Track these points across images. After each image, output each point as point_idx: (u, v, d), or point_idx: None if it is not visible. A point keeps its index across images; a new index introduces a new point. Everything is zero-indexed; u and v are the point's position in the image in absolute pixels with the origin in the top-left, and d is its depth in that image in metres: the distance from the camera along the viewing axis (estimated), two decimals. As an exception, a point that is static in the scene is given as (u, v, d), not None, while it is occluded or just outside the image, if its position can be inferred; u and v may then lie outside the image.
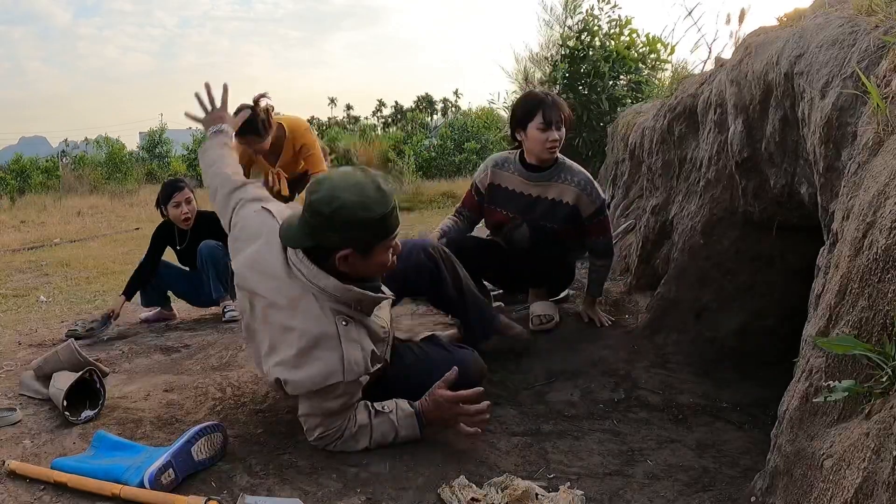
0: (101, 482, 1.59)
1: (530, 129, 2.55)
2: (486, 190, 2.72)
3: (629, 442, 1.88)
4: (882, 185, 1.07)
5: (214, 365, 2.56)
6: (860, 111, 1.33)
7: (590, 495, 1.57)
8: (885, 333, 0.98)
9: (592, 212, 2.61)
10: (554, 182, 2.61)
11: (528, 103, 2.57)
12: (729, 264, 2.43)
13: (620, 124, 4.71)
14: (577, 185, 2.60)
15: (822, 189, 1.52)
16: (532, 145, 2.57)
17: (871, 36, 1.37)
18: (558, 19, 6.82)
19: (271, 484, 1.64)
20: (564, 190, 2.60)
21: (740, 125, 2.09)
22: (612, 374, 2.33)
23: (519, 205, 2.65)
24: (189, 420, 2.01)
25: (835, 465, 0.99)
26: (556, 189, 2.61)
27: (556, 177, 2.61)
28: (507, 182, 2.67)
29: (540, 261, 2.68)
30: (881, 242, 1.01)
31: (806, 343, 1.33)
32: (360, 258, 1.65)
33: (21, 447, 1.83)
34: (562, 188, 2.60)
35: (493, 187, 2.71)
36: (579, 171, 2.64)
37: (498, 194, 2.70)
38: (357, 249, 1.63)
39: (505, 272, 2.79)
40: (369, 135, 20.41)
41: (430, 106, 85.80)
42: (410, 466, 1.74)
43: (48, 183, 18.72)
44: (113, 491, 1.57)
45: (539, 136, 2.53)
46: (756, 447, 1.79)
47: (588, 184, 2.61)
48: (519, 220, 2.62)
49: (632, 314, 2.85)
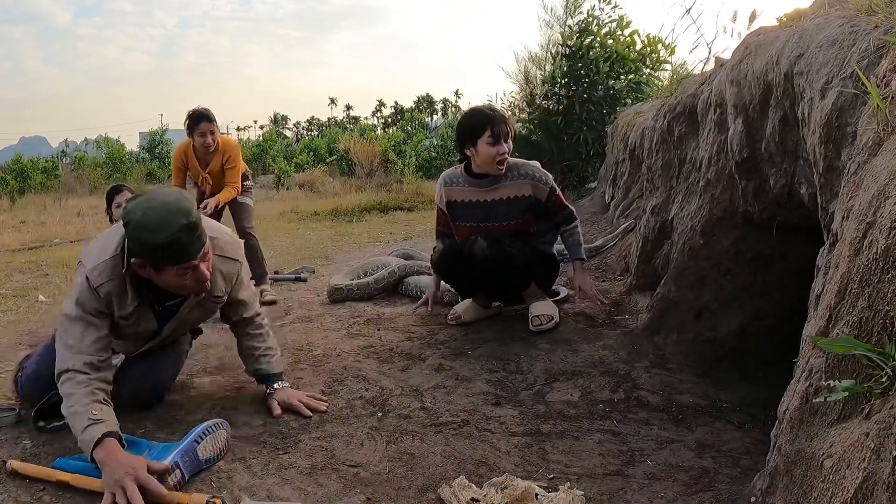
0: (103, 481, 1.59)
1: (480, 144, 2.68)
2: (448, 207, 2.88)
3: (629, 442, 1.88)
4: (882, 185, 1.07)
5: (214, 365, 2.56)
6: (860, 111, 1.33)
7: (590, 495, 1.57)
8: (885, 333, 0.98)
9: (548, 193, 2.76)
10: (505, 183, 2.73)
11: (477, 119, 2.70)
12: (729, 264, 2.43)
13: (620, 124, 4.71)
14: (529, 177, 2.74)
15: (821, 189, 1.53)
16: (482, 159, 2.71)
17: (871, 36, 1.37)
18: (559, 19, 6.83)
19: (271, 484, 1.65)
20: (518, 186, 2.73)
21: (740, 125, 2.09)
22: (612, 375, 2.33)
23: (479, 213, 2.79)
24: (189, 420, 2.01)
25: (835, 465, 0.99)
26: (510, 188, 2.73)
27: (505, 178, 2.74)
28: (461, 196, 2.81)
29: (515, 262, 2.71)
30: (881, 242, 1.01)
31: (806, 343, 1.33)
32: (153, 271, 1.76)
33: (21, 447, 1.83)
34: (515, 185, 2.73)
35: (451, 204, 2.86)
36: (523, 163, 2.78)
37: (457, 210, 2.85)
38: (147, 262, 1.74)
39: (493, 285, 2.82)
40: (369, 135, 20.42)
41: (430, 106, 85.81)
42: (410, 467, 1.74)
43: (48, 183, 18.71)
44: (114, 491, 1.56)
45: (489, 151, 2.66)
46: (756, 447, 1.79)
47: (536, 171, 2.77)
48: (473, 237, 2.72)
49: (631, 314, 2.85)
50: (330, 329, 3.02)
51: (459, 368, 2.44)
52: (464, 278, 2.83)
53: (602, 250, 3.82)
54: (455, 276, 2.87)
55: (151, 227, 1.68)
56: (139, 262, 1.75)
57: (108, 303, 1.81)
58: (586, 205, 5.59)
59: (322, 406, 2.11)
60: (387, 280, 3.58)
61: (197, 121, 3.71)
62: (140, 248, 1.72)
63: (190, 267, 1.76)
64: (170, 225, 1.68)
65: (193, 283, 1.81)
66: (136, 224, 1.70)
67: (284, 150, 25.02)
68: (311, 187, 14.77)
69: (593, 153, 6.51)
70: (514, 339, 2.68)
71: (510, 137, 2.69)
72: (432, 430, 1.96)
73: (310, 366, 2.51)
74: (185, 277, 1.78)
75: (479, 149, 2.68)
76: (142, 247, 1.71)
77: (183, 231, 1.69)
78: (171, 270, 1.75)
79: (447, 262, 2.84)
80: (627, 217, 4.00)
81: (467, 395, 2.22)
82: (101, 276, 1.79)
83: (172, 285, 1.82)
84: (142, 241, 1.70)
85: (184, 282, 1.79)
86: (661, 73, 6.63)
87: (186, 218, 1.71)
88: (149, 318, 1.94)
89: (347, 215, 8.89)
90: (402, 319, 3.10)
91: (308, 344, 2.79)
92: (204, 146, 3.73)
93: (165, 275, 1.76)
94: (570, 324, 2.78)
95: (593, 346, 2.56)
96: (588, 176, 6.68)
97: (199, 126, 3.70)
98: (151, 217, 1.70)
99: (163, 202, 1.73)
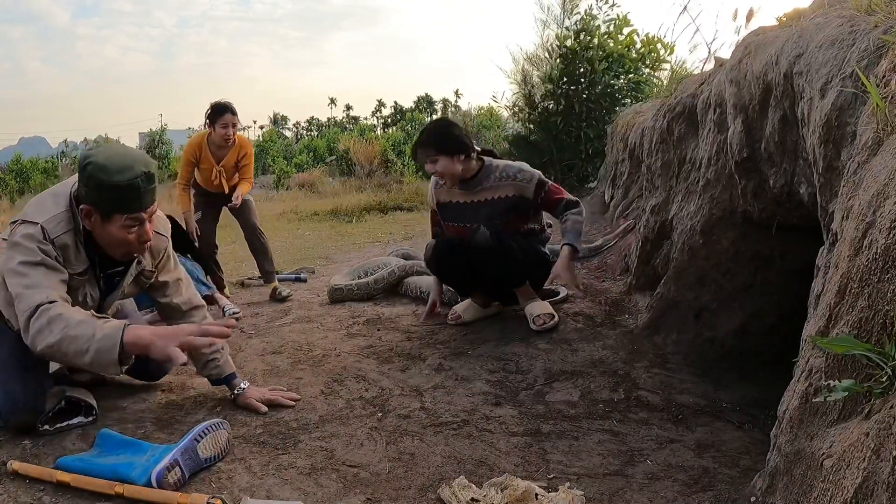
0: (103, 481, 1.59)
1: (426, 167, 2.81)
2: (438, 208, 2.94)
3: (629, 442, 1.88)
4: (882, 185, 1.07)
5: (214, 365, 2.56)
6: (860, 111, 1.33)
7: (589, 495, 1.57)
8: (885, 333, 0.98)
9: (535, 189, 2.75)
10: (487, 185, 2.77)
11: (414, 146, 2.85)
12: (728, 264, 2.44)
13: (620, 124, 4.71)
14: (509, 178, 2.76)
15: (821, 189, 1.53)
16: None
17: (871, 35, 1.37)
18: (556, 19, 6.82)
19: (271, 484, 1.65)
20: (501, 187, 2.76)
21: (740, 125, 2.09)
22: (612, 374, 2.33)
23: (466, 214, 2.83)
24: (189, 420, 2.01)
25: (835, 464, 0.99)
26: (492, 190, 2.77)
27: (486, 180, 2.78)
28: (450, 197, 2.88)
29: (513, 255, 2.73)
30: (881, 242, 1.01)
31: (806, 343, 1.33)
32: (100, 221, 1.75)
33: (21, 447, 1.83)
34: (497, 187, 2.76)
35: (441, 205, 2.93)
36: (505, 165, 2.80)
37: (447, 210, 2.91)
38: (96, 210, 1.73)
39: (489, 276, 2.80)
40: (368, 135, 20.41)
41: (430, 106, 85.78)
42: (410, 467, 1.74)
43: (48, 183, 18.68)
44: (116, 490, 1.57)
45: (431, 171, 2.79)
46: (756, 447, 1.79)
47: (516, 171, 2.77)
48: (475, 225, 2.75)
49: (631, 314, 2.85)
50: (330, 329, 3.02)
51: (459, 368, 2.44)
52: (459, 271, 2.84)
53: (602, 250, 3.82)
54: (450, 269, 2.88)
55: (113, 169, 1.68)
56: (88, 209, 1.73)
57: (64, 257, 1.76)
58: (586, 204, 5.59)
59: (294, 398, 2.14)
60: (387, 280, 3.58)
61: (221, 112, 3.72)
62: (95, 191, 1.70)
63: (138, 220, 1.75)
64: (131, 169, 1.69)
65: (136, 241, 1.79)
66: (97, 165, 1.69)
67: (284, 150, 25.00)
68: (311, 187, 14.76)
69: (593, 153, 6.50)
70: (513, 339, 2.68)
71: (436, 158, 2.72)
72: (432, 430, 1.96)
73: (309, 366, 2.51)
74: (130, 231, 1.76)
75: (428, 169, 2.81)
76: (97, 189, 1.69)
77: (142, 177, 1.71)
78: (120, 220, 1.74)
79: (442, 255, 2.85)
80: (627, 217, 4.00)
81: (467, 395, 2.22)
82: (57, 226, 1.75)
83: (115, 240, 1.79)
84: (99, 182, 1.68)
85: (127, 236, 1.77)
86: (660, 73, 6.62)
87: (146, 167, 1.73)
88: (93, 285, 1.88)
89: (347, 215, 8.89)
90: (402, 320, 3.10)
91: (308, 344, 2.79)
92: (224, 138, 3.72)
93: (112, 226, 1.75)
94: (570, 324, 2.78)
95: (593, 346, 2.56)
96: (588, 176, 6.67)
97: (222, 117, 3.71)
98: (114, 160, 1.70)
99: (126, 150, 1.77)
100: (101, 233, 1.78)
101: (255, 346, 2.78)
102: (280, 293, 3.77)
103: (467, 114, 20.10)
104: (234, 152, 3.84)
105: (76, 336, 1.61)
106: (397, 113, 76.86)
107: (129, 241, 1.79)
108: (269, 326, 3.16)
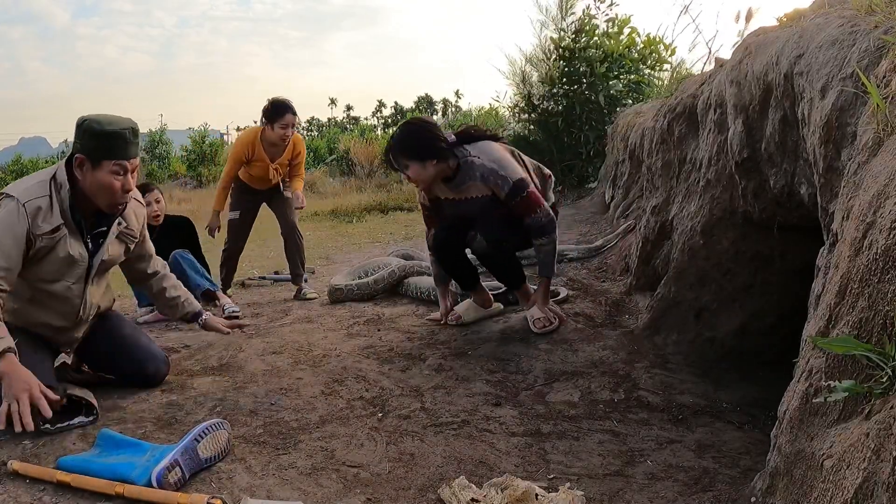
0: (104, 481, 1.59)
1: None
2: (431, 203, 2.91)
3: (629, 442, 1.88)
4: (882, 186, 1.07)
5: (214, 365, 2.56)
6: (860, 111, 1.33)
7: (590, 496, 1.57)
8: (885, 333, 0.98)
9: (508, 193, 2.66)
10: (465, 184, 2.74)
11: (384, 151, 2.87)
12: (729, 264, 2.43)
13: (620, 125, 4.71)
14: (480, 178, 2.69)
15: (821, 189, 1.53)
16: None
17: (871, 36, 1.37)
18: (554, 19, 6.81)
19: (271, 484, 1.65)
20: (473, 187, 2.74)
21: (740, 125, 2.09)
22: (612, 375, 2.33)
23: (454, 209, 2.82)
24: (189, 420, 2.01)
25: (835, 465, 0.99)
26: (473, 188, 2.74)
27: (464, 180, 2.73)
28: (440, 192, 2.84)
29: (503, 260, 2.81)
30: (881, 243, 1.01)
31: (806, 343, 1.33)
32: (91, 169, 1.99)
33: (21, 447, 1.83)
34: (472, 186, 2.74)
35: (434, 201, 2.90)
36: (479, 165, 2.70)
37: (439, 205, 2.89)
38: (88, 157, 1.98)
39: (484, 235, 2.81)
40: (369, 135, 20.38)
41: (430, 106, 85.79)
42: (410, 467, 1.74)
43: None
44: (116, 490, 1.57)
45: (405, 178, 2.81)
46: (756, 447, 1.79)
47: (488, 173, 2.67)
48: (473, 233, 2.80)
49: (632, 314, 2.85)
50: (330, 329, 3.03)
51: (459, 369, 2.44)
52: (461, 254, 2.88)
53: (602, 250, 3.82)
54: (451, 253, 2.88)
55: (104, 121, 2.00)
56: (81, 158, 1.99)
57: (33, 217, 1.94)
58: (586, 205, 5.59)
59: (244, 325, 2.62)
60: (387, 280, 3.58)
61: (283, 111, 3.62)
62: (88, 140, 1.98)
63: (123, 168, 2.01)
64: (119, 122, 2.03)
65: (120, 188, 2.03)
66: (92, 119, 2.00)
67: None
68: (311, 187, 14.75)
69: (593, 153, 6.50)
70: (513, 339, 2.68)
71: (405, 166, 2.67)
72: (432, 430, 1.96)
73: (310, 366, 2.51)
74: (116, 178, 2.00)
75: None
76: (91, 138, 1.98)
77: (129, 131, 2.02)
78: (108, 166, 1.99)
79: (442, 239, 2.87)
80: (627, 217, 4.00)
81: (467, 395, 2.22)
82: (29, 194, 1.97)
83: (102, 187, 2.01)
84: (93, 131, 1.98)
85: (113, 182, 2.00)
86: (660, 73, 6.62)
87: (132, 125, 2.05)
88: (78, 242, 2.06)
89: (347, 215, 8.89)
90: (403, 320, 3.10)
91: (308, 344, 2.79)
92: (282, 138, 3.65)
93: (100, 171, 1.99)
94: (570, 324, 2.78)
95: (593, 347, 2.56)
96: (588, 176, 6.67)
97: (284, 117, 3.62)
98: (105, 117, 2.04)
99: (115, 115, 2.08)
100: (90, 181, 2.01)
101: (256, 346, 2.78)
102: (305, 294, 3.79)
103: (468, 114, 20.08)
104: (288, 151, 3.76)
105: None
106: (398, 113, 76.87)
107: (114, 189, 2.02)
108: (269, 326, 3.16)
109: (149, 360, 2.29)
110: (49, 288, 2.05)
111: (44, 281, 2.03)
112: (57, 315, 2.12)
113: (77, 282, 2.10)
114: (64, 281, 2.07)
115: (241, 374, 2.43)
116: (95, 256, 2.13)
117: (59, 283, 2.06)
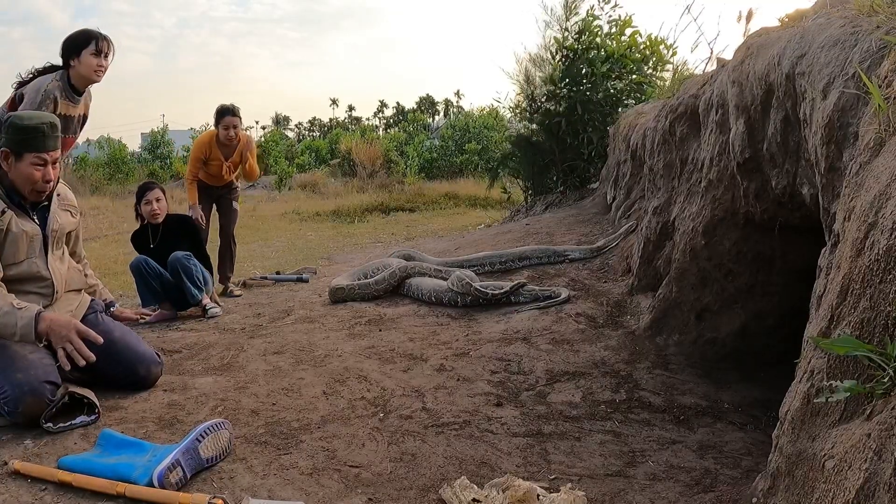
0: (105, 481, 1.60)
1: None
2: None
3: (631, 443, 1.88)
4: (883, 186, 1.07)
5: (215, 365, 2.56)
6: (862, 112, 1.33)
7: (591, 496, 1.57)
8: (887, 334, 0.98)
9: None
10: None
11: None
12: (730, 265, 2.43)
13: (622, 125, 4.71)
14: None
15: (823, 190, 1.52)
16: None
17: (873, 36, 1.37)
18: (559, 20, 6.82)
19: (273, 484, 1.65)
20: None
21: (742, 126, 2.09)
22: (614, 375, 2.33)
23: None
24: (190, 420, 2.02)
25: (836, 465, 0.99)
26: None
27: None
28: None
29: None
30: (882, 243, 1.01)
31: (807, 344, 1.33)
32: (14, 162, 2.16)
33: (22, 447, 1.83)
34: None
35: None
36: None
37: None
38: (12, 150, 2.15)
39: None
40: (370, 135, 20.41)
41: (432, 107, 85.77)
42: (412, 467, 1.74)
43: (49, 184, 18.65)
44: (117, 490, 1.57)
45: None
46: (757, 448, 1.79)
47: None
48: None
49: (633, 315, 2.85)
50: (332, 329, 3.03)
51: (461, 369, 2.44)
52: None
53: (604, 251, 3.81)
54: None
55: (25, 117, 2.21)
56: (5, 151, 2.15)
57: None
58: (588, 205, 5.59)
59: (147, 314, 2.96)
60: (388, 281, 3.58)
61: (223, 114, 4.17)
62: (11, 134, 2.15)
63: (43, 160, 2.17)
64: (39, 118, 2.21)
65: (41, 178, 2.18)
66: (15, 116, 2.20)
67: (286, 150, 25.03)
68: (313, 188, 14.78)
69: (595, 154, 6.50)
70: (515, 339, 2.68)
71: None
72: (434, 430, 1.96)
73: (311, 366, 2.51)
74: (36, 169, 2.16)
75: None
76: (13, 133, 2.15)
77: (47, 125, 2.18)
78: (29, 158, 2.15)
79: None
80: (629, 218, 4.00)
81: (469, 395, 2.22)
82: None
83: (25, 177, 2.17)
84: (14, 125, 2.15)
85: (34, 173, 2.16)
86: (662, 74, 6.62)
87: (51, 120, 2.21)
88: (25, 219, 2.21)
89: (349, 216, 8.90)
90: (404, 320, 3.10)
91: (310, 344, 2.79)
92: (227, 138, 4.15)
93: (22, 164, 2.15)
94: (572, 324, 2.78)
95: (595, 347, 2.56)
96: (590, 176, 6.67)
97: (225, 119, 4.14)
98: (27, 113, 2.27)
99: (38, 112, 2.29)
100: (15, 172, 2.17)
101: (257, 346, 2.78)
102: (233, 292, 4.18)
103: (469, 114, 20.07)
104: (238, 150, 4.24)
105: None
106: (399, 113, 76.86)
107: (35, 179, 2.18)
108: (270, 326, 3.16)
109: (139, 363, 2.29)
110: (19, 270, 2.19)
111: (14, 265, 2.17)
112: (37, 296, 2.21)
113: (38, 256, 2.23)
114: (28, 259, 2.21)
115: (243, 374, 2.43)
116: (46, 227, 2.29)
117: (25, 261, 2.20)
